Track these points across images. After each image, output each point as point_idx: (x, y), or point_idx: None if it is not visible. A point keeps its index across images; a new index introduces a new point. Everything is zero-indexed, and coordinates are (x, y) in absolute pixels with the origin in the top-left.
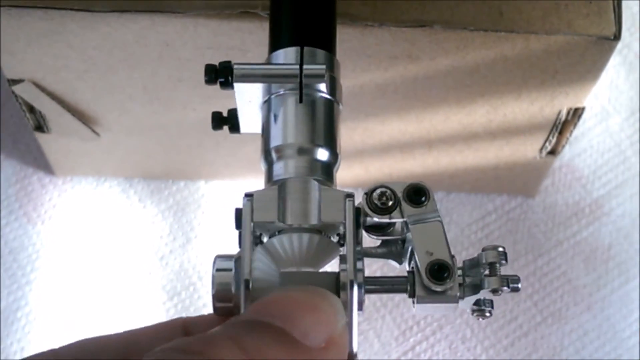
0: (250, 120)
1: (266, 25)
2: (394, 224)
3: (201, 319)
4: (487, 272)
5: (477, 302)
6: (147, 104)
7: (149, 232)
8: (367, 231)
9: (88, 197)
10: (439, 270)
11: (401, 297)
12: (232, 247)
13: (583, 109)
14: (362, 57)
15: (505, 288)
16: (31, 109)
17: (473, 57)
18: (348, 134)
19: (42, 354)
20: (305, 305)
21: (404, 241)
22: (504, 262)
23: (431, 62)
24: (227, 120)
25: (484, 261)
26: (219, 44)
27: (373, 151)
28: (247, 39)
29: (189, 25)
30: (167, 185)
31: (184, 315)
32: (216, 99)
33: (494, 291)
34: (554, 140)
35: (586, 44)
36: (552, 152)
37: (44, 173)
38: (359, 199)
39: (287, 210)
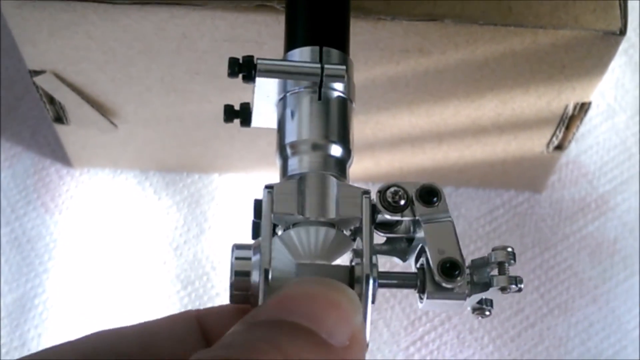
0: (263, 115)
1: (282, 19)
2: (401, 221)
3: (214, 310)
4: (495, 271)
5: (479, 301)
6: (164, 96)
7: (164, 223)
8: (375, 228)
9: (104, 188)
10: (451, 268)
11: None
12: (245, 239)
13: (589, 103)
14: (375, 50)
15: (513, 286)
16: (51, 101)
17: (483, 52)
18: (360, 127)
19: (60, 346)
20: (326, 302)
21: (409, 240)
22: (512, 262)
23: (442, 56)
24: (238, 114)
25: (493, 260)
26: (235, 36)
27: (384, 145)
28: (263, 32)
29: (207, 18)
30: (182, 178)
31: (197, 304)
32: (231, 92)
33: (503, 289)
34: (560, 135)
35: (593, 38)
36: (559, 147)
37: (61, 165)
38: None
39: (306, 203)
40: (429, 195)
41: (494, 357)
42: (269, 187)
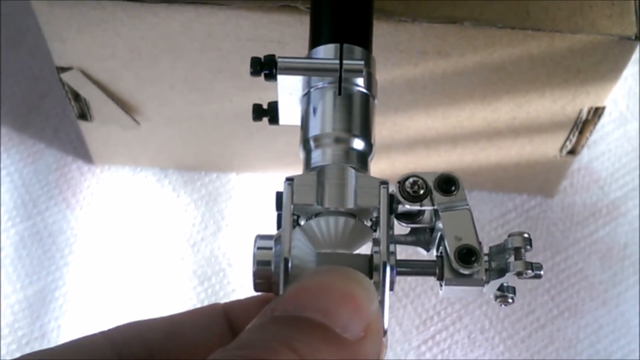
0: (289, 113)
1: (305, 19)
2: (423, 212)
3: (240, 302)
4: (512, 257)
5: (500, 288)
6: (187, 94)
7: (182, 220)
8: (397, 219)
9: (124, 185)
10: (468, 254)
11: (422, 288)
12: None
13: (603, 108)
14: (395, 52)
15: (529, 271)
16: (76, 97)
17: (500, 55)
18: (377, 128)
19: (93, 335)
20: (341, 295)
21: (432, 230)
22: (529, 247)
23: (460, 59)
24: (267, 112)
25: (509, 246)
26: (259, 36)
27: (400, 147)
28: (285, 32)
29: (232, 17)
30: (200, 177)
31: (213, 299)
32: (252, 92)
33: (519, 274)
34: (574, 140)
35: (608, 43)
36: (572, 152)
37: (83, 162)
38: (391, 188)
39: (325, 194)
40: (447, 184)
41: (504, 358)
42: (289, 179)
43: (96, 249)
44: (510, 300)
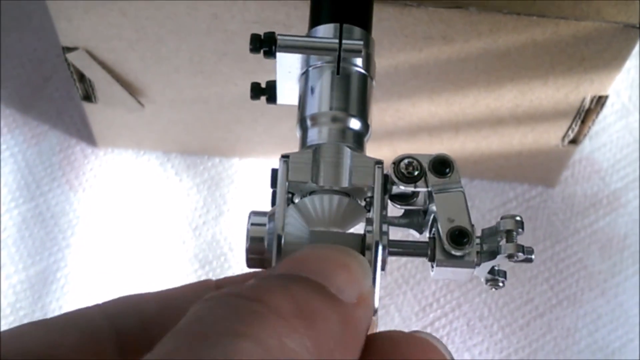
0: (288, 92)
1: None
2: (417, 194)
3: (232, 279)
4: (504, 240)
5: (491, 271)
6: (192, 77)
7: (184, 204)
8: (391, 200)
9: (127, 168)
10: (460, 236)
11: (422, 275)
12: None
13: (606, 97)
14: (399, 36)
15: (520, 254)
16: (81, 78)
17: (505, 41)
18: (379, 115)
19: (89, 308)
20: (337, 263)
21: (425, 212)
22: (520, 230)
23: (464, 44)
24: (265, 91)
25: (501, 229)
26: (265, 18)
27: (402, 133)
28: (292, 14)
29: None
30: (203, 161)
31: None
32: (257, 74)
33: (510, 256)
34: (576, 129)
35: (613, 31)
36: (574, 141)
37: (86, 144)
38: (386, 169)
39: (320, 172)
40: (442, 165)
41: (502, 345)
42: (285, 156)
43: (98, 231)
44: (500, 284)
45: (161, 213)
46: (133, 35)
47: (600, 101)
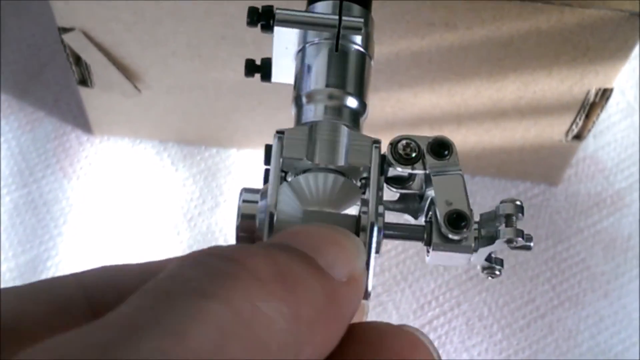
0: (283, 70)
1: None
2: (414, 177)
3: None
4: (503, 224)
5: (489, 259)
6: (189, 61)
7: (180, 195)
8: (387, 183)
9: (123, 157)
10: (457, 219)
11: (421, 273)
12: None
13: (611, 90)
14: (401, 22)
15: (519, 239)
16: (77, 61)
17: (508, 29)
18: (380, 105)
19: (65, 277)
20: (330, 240)
21: (421, 197)
22: (520, 215)
23: (467, 32)
24: (259, 68)
25: (500, 213)
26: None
27: (403, 125)
28: None
29: None
30: (200, 151)
31: None
32: (255, 60)
33: (509, 241)
34: (580, 123)
35: (618, 19)
36: (578, 137)
37: (82, 131)
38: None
39: (315, 149)
40: (441, 147)
41: (502, 346)
42: (280, 132)
43: (91, 220)
44: (497, 273)
45: (156, 203)
46: (130, 17)
47: (605, 95)
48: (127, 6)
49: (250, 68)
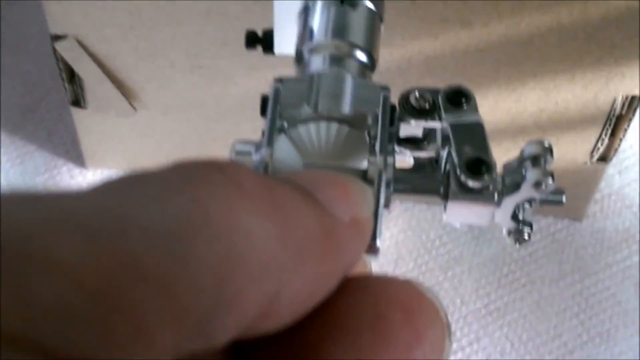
0: (285, 40)
1: None
2: (429, 138)
3: None
4: (529, 167)
5: (514, 217)
6: (188, 73)
7: None
8: (399, 145)
9: None
10: (477, 164)
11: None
12: None
13: (638, 99)
14: (413, 19)
15: (549, 181)
16: (71, 78)
17: (527, 25)
18: None
19: None
20: (333, 180)
21: (437, 162)
22: (549, 158)
23: (484, 29)
24: (261, 40)
25: (526, 155)
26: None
27: None
28: None
29: None
30: None
31: None
32: (259, 70)
33: (537, 185)
34: (606, 140)
35: None
36: (603, 159)
37: (74, 165)
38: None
39: (318, 96)
40: (457, 95)
41: None
42: (278, 79)
43: None
44: (526, 237)
45: None
46: (126, 19)
47: (632, 105)
48: (123, 6)
49: (252, 40)
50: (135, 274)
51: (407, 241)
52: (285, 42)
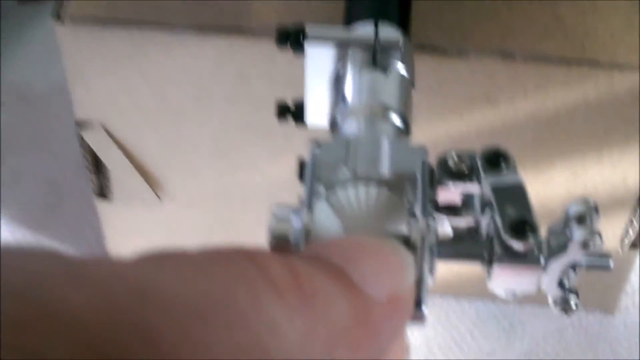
0: (317, 110)
1: None
2: (469, 204)
3: None
4: (575, 226)
5: (561, 286)
6: (214, 160)
7: None
8: (438, 211)
9: None
10: (521, 225)
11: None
12: None
13: None
14: (437, 97)
15: (597, 240)
16: (96, 169)
17: (553, 101)
18: None
19: None
20: (369, 250)
21: (477, 231)
22: (595, 216)
23: (510, 107)
24: (291, 111)
25: (571, 214)
26: (291, 72)
27: None
28: None
29: (265, 51)
30: None
31: None
32: (283, 156)
33: (584, 245)
34: (636, 225)
35: None
36: (635, 245)
37: None
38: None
39: (356, 159)
40: (496, 157)
41: None
42: (315, 143)
43: None
44: (573, 306)
45: None
46: (152, 102)
47: None
48: (148, 89)
49: (283, 110)
50: (146, 344)
51: (438, 336)
52: (317, 114)
